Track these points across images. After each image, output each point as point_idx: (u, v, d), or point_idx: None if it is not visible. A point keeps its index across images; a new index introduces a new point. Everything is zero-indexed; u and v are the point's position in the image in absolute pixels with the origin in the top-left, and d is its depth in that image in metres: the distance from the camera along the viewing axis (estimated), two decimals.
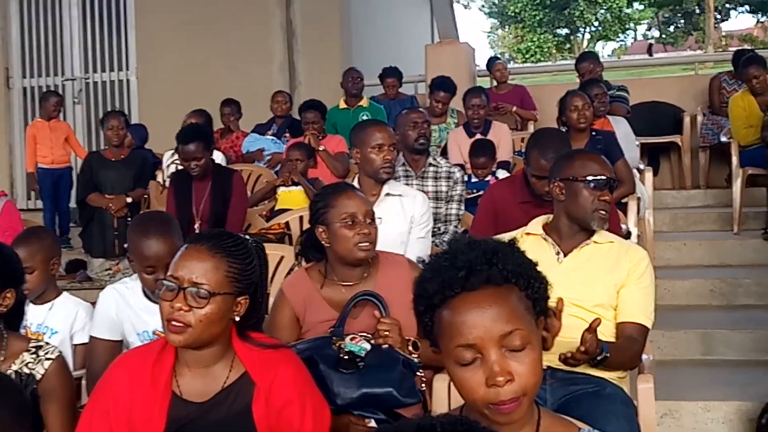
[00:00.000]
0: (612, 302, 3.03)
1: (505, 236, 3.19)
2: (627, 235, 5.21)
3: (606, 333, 2.97)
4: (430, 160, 5.03)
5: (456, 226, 4.95)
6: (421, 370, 2.90)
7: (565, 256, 3.12)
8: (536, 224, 3.25)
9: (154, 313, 2.57)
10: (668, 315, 5.43)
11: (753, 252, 6.32)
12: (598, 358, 2.72)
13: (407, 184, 4.71)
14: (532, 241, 3.18)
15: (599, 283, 3.05)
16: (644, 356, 3.24)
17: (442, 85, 7.37)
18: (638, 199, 5.85)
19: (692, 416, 4.18)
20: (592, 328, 2.66)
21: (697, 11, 34.69)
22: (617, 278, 3.05)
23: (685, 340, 5.03)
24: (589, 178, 3.10)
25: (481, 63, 9.91)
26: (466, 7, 52.80)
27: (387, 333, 2.87)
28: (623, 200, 5.50)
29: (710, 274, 5.99)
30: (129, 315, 3.20)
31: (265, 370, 2.31)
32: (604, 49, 40.09)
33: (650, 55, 21.72)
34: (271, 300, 3.13)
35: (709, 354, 4.97)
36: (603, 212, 3.09)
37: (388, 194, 4.20)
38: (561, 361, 2.73)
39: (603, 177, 3.11)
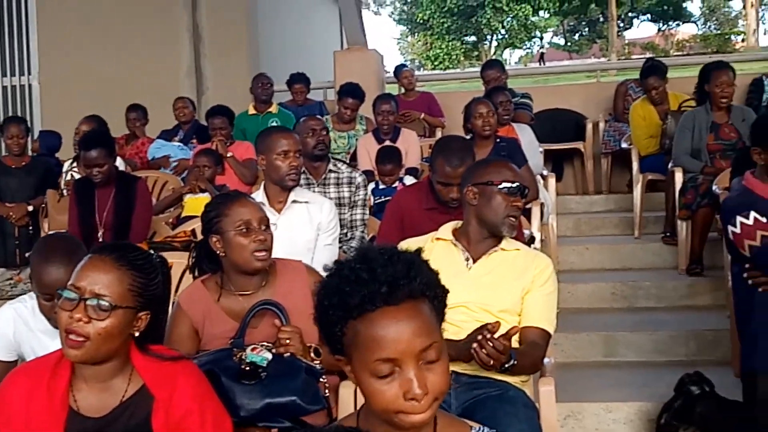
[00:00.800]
0: (517, 308, 3.09)
1: (414, 242, 3.23)
2: (530, 240, 5.31)
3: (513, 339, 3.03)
4: (331, 166, 5.02)
5: (363, 232, 4.96)
6: (324, 376, 2.89)
7: (474, 262, 3.17)
8: (446, 230, 3.29)
9: (55, 336, 2.49)
10: (571, 318, 5.54)
11: (653, 255, 6.48)
12: (506, 365, 2.76)
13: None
14: (442, 246, 3.23)
15: (506, 289, 3.11)
16: (546, 359, 3.30)
17: (351, 92, 7.38)
18: (542, 204, 5.96)
19: (594, 417, 4.26)
20: (509, 335, 2.69)
21: (601, 20, 35.56)
22: (523, 285, 3.11)
23: (588, 343, 5.12)
24: (505, 184, 3.16)
25: (393, 70, 9.93)
26: (376, 13, 53.29)
27: (288, 341, 2.85)
28: (527, 206, 5.60)
29: (612, 278, 6.11)
30: (28, 337, 3.08)
31: (164, 383, 2.27)
32: (512, 57, 40.88)
33: (542, 63, 22.09)
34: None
35: (611, 356, 5.07)
36: (513, 219, 3.16)
37: (294, 201, 4.18)
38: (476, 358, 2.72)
39: (517, 184, 3.17)
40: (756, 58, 10.29)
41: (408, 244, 3.25)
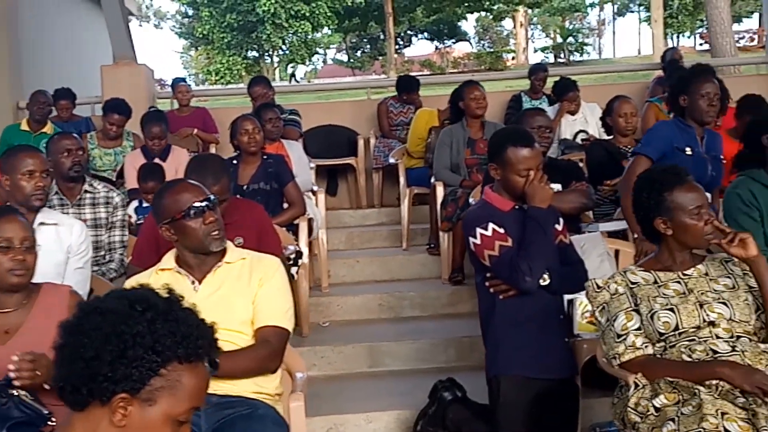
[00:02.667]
0: (253, 317, 3.14)
1: (140, 277, 3.21)
2: (298, 255, 5.35)
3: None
4: (86, 186, 4.83)
5: (122, 254, 4.81)
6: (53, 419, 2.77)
7: (200, 283, 3.16)
8: (168, 258, 3.27)
9: None
10: (340, 330, 5.65)
11: (419, 266, 6.70)
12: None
13: (64, 213, 4.49)
14: (168, 275, 3.19)
15: (237, 301, 3.14)
16: (298, 374, 3.34)
17: (115, 108, 7.13)
18: (310, 219, 6.03)
19: (356, 428, 4.32)
20: None
21: (382, 37, 36.48)
22: (253, 290, 3.15)
23: (354, 354, 5.20)
24: (188, 209, 3.12)
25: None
26: (157, 26, 52.16)
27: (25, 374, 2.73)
28: (294, 222, 5.65)
29: (380, 289, 6.25)
30: None
31: None
32: (296, 72, 41.10)
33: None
34: None
35: (376, 366, 5.17)
36: (215, 233, 3.14)
37: (42, 223, 3.98)
38: None
39: (200, 203, 3.14)
40: (519, 76, 10.82)
41: (133, 281, 3.22)
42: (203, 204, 3.13)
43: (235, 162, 5.69)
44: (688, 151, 4.56)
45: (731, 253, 3.10)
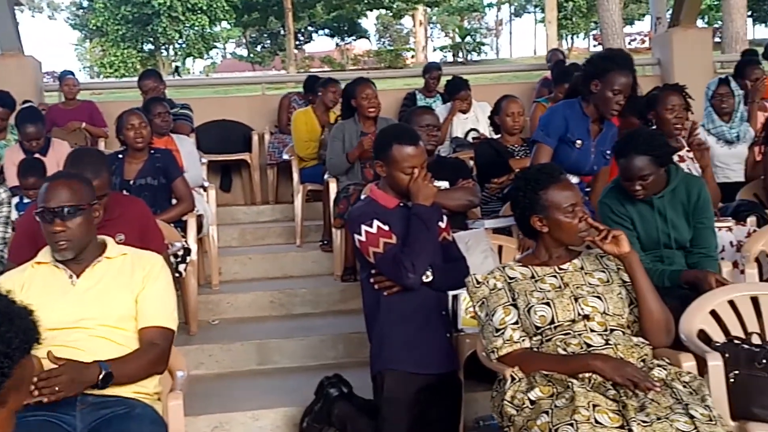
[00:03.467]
0: (134, 313, 3.08)
1: (13, 273, 3.14)
2: (187, 252, 5.28)
3: (131, 345, 3.04)
4: None
5: (2, 251, 4.65)
6: None
7: (78, 277, 3.09)
8: (45, 253, 3.18)
9: None
10: (229, 328, 5.59)
11: (312, 263, 6.69)
12: (100, 377, 2.76)
13: None
14: (44, 269, 3.13)
15: (117, 296, 3.08)
16: (179, 373, 3.28)
17: None
18: (200, 216, 5.94)
19: (242, 427, 4.27)
20: None
21: (282, 33, 36.21)
22: (134, 288, 3.10)
23: (243, 352, 5.14)
24: (36, 214, 3.08)
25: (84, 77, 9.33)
26: (51, 18, 50.68)
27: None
28: (182, 218, 5.56)
29: (272, 286, 6.21)
30: None
31: None
32: (194, 66, 40.49)
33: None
34: None
35: (265, 363, 5.13)
36: (61, 243, 3.04)
37: None
38: None
39: (43, 209, 3.06)
40: (414, 74, 10.89)
41: (5, 277, 3.14)
42: (45, 213, 3.03)
43: (120, 156, 5.59)
44: (578, 143, 4.68)
45: (605, 249, 3.20)
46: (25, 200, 5.49)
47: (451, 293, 3.90)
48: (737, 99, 5.98)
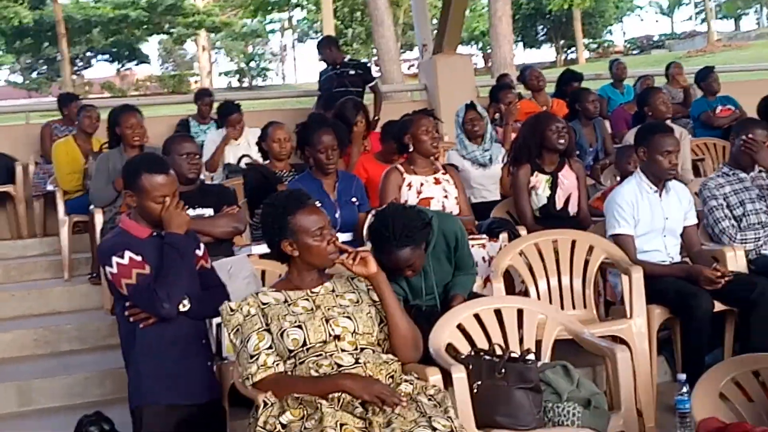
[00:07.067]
0: None
1: None
2: None
3: None
4: None
5: None
6: None
7: None
8: None
9: None
10: None
11: (81, 297, 6.44)
12: None
13: None
14: None
15: None
16: None
17: None
18: None
19: None
20: None
21: (59, 58, 34.71)
22: None
23: (1, 394, 4.89)
24: None
25: None
26: None
27: None
28: None
29: (36, 323, 5.95)
30: None
31: None
32: None
33: None
34: None
35: (26, 405, 4.90)
36: None
37: None
38: None
39: None
40: (186, 101, 10.65)
41: None
42: None
43: None
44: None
45: (353, 271, 3.26)
46: None
47: (215, 321, 3.86)
48: (485, 121, 6.25)
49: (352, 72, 8.90)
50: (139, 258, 3.53)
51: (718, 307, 4.39)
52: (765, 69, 13.84)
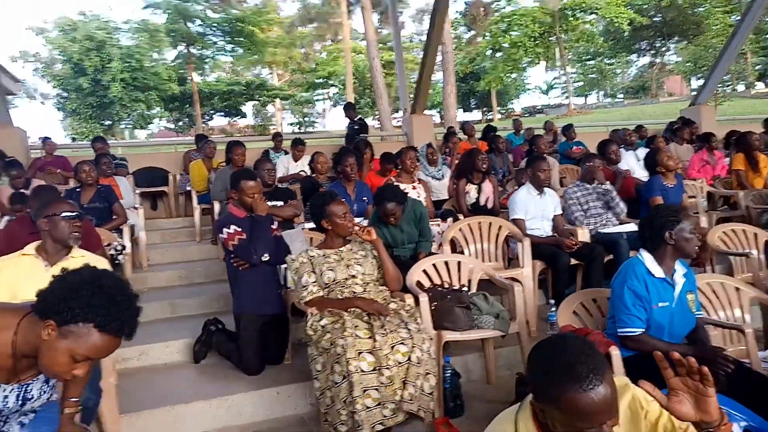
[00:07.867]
0: None
1: (2, 260, 2.75)
2: (123, 248, 4.85)
3: None
4: None
5: None
6: None
7: (51, 266, 2.73)
8: (30, 247, 2.81)
9: None
10: (152, 294, 5.07)
11: (206, 251, 6.22)
12: None
13: None
14: (27, 260, 2.75)
15: None
16: None
17: None
18: (133, 225, 5.51)
19: (158, 352, 3.91)
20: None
21: (194, 113, 34.47)
22: None
23: (160, 308, 4.71)
24: (65, 214, 2.77)
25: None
26: (42, 103, 45.31)
27: None
28: (120, 227, 5.12)
29: (180, 267, 5.68)
30: None
31: None
32: (139, 135, 37.72)
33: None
34: None
35: (175, 314, 4.72)
36: (77, 233, 2.78)
37: None
38: None
39: (75, 213, 2.79)
40: (267, 140, 10.48)
41: None
42: (73, 213, 2.77)
43: (78, 189, 5.11)
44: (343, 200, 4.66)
45: (363, 237, 3.23)
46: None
47: (283, 266, 3.82)
48: (438, 155, 6.21)
49: (361, 125, 8.92)
50: (240, 229, 3.50)
51: (573, 262, 4.34)
52: (600, 125, 13.73)
